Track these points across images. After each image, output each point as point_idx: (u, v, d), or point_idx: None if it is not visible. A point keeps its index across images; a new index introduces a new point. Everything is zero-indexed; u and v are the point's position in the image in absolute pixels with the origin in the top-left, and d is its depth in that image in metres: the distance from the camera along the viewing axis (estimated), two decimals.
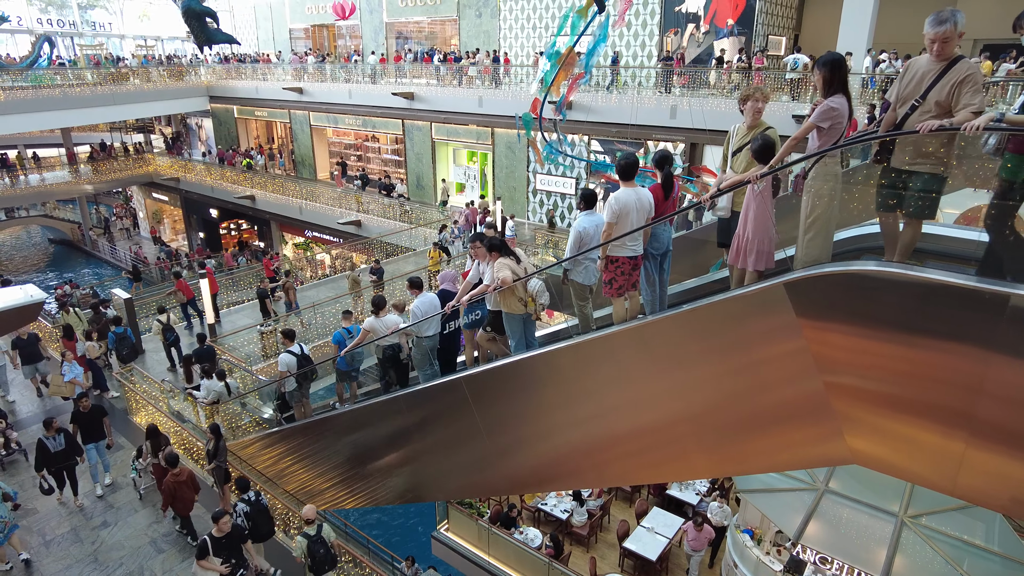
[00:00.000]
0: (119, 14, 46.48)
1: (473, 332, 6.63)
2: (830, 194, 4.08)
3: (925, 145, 3.82)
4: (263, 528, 8.13)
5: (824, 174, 4.09)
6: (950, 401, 3.54)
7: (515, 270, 5.82)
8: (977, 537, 7.61)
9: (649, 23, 20.95)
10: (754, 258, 4.49)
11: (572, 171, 21.09)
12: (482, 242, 6.32)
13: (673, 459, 5.32)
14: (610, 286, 5.27)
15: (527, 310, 5.90)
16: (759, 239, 4.46)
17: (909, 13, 19.50)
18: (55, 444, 8.99)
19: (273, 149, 32.66)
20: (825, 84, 4.22)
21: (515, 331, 6.02)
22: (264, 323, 15.64)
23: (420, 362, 7.32)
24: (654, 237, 5.35)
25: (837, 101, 4.14)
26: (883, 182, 4.18)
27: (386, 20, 28.76)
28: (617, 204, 5.06)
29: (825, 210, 4.09)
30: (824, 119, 4.15)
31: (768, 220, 4.45)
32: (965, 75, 3.69)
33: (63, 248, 36.86)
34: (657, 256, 5.44)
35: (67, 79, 27.10)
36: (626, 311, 5.30)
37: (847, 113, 4.14)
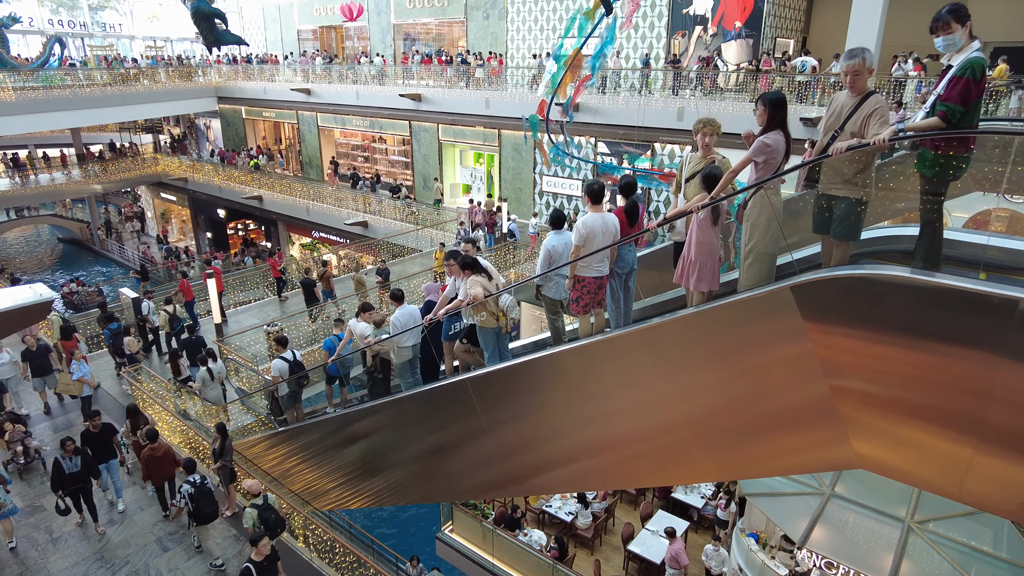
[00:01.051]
0: (129, 15, 46.85)
1: (451, 344, 6.96)
2: (767, 224, 4.37)
3: (841, 171, 4.14)
4: (205, 510, 8.40)
5: (760, 205, 4.38)
6: (958, 406, 3.52)
7: (487, 287, 6.17)
8: (985, 543, 7.55)
9: (656, 25, 20.93)
10: (695, 279, 4.87)
11: (579, 173, 21.08)
12: (456, 260, 6.65)
13: (678, 462, 5.31)
14: (577, 304, 5.63)
15: (499, 324, 6.26)
16: (701, 262, 4.83)
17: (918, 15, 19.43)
18: (70, 466, 8.63)
19: (272, 149, 32.78)
20: (767, 120, 4.46)
21: (488, 343, 6.39)
22: (270, 323, 15.69)
23: (401, 371, 7.67)
24: (619, 258, 5.66)
25: (772, 138, 4.40)
26: (814, 207, 4.46)
27: (394, 22, 28.84)
28: (584, 228, 5.39)
29: (762, 239, 4.39)
30: (758, 154, 4.42)
31: (711, 244, 4.82)
32: (874, 108, 4.01)
33: (72, 247, 37.14)
34: (622, 275, 5.74)
35: (77, 80, 27.29)
36: (591, 326, 5.68)
37: (782, 149, 4.39)
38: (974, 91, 3.71)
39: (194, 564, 8.60)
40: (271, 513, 8.12)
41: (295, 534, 9.30)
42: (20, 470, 10.22)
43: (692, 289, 4.95)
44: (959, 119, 3.74)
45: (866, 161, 4.06)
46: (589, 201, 5.59)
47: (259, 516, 7.94)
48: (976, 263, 4.43)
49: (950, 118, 3.74)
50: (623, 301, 5.79)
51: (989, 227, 6.37)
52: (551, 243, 5.92)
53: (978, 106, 3.80)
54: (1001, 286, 3.23)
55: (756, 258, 4.44)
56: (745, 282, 4.52)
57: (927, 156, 3.93)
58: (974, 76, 3.68)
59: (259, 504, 8.08)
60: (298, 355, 9.92)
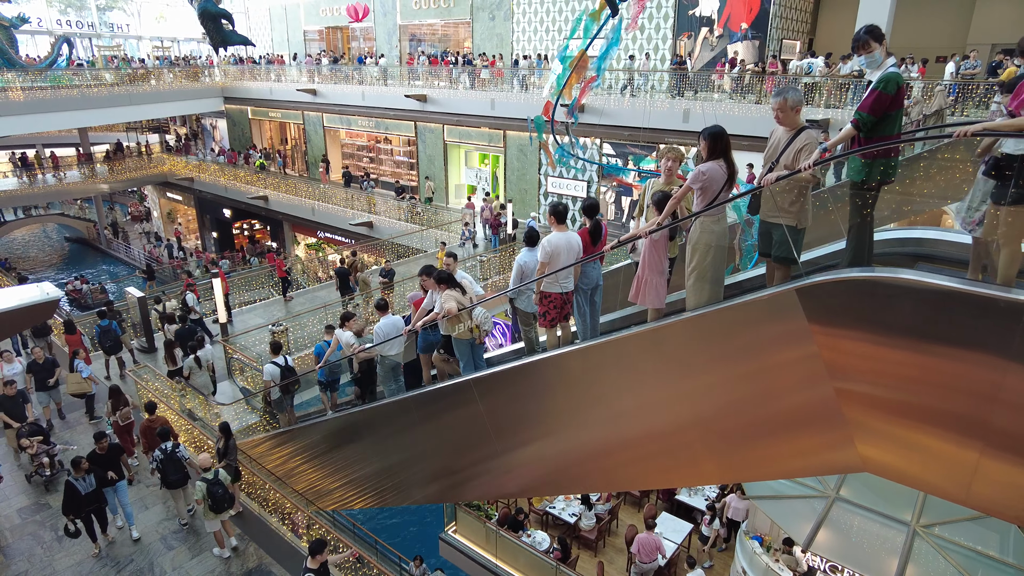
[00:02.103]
0: (136, 15, 47.08)
1: (429, 354, 7.31)
2: (705, 248, 4.68)
3: (776, 200, 4.53)
4: (171, 476, 8.89)
5: (701, 230, 4.70)
6: (964, 409, 3.50)
7: (460, 301, 6.48)
8: (991, 548, 7.51)
9: (663, 27, 20.91)
10: (643, 296, 5.23)
11: (584, 174, 21.08)
12: (430, 275, 6.94)
13: (682, 464, 5.29)
14: (544, 318, 6.03)
15: (472, 335, 6.56)
16: (651, 281, 5.18)
17: (925, 18, 19.37)
18: (85, 486, 8.24)
19: (268, 148, 32.94)
20: (708, 151, 4.74)
21: (463, 353, 6.72)
22: (276, 323, 15.73)
23: (384, 378, 7.97)
24: (584, 274, 5.93)
25: (708, 167, 4.68)
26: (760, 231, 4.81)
27: (399, 23, 28.89)
28: (550, 246, 5.73)
29: (702, 261, 4.71)
30: (695, 182, 4.71)
31: (660, 265, 5.18)
32: (804, 144, 4.35)
33: (78, 246, 37.33)
34: (587, 291, 6.01)
35: (85, 80, 27.43)
36: (558, 339, 6.05)
37: (720, 177, 4.67)
38: (886, 103, 3.96)
39: (198, 563, 8.63)
40: (218, 488, 8.44)
41: (299, 534, 9.32)
42: (45, 482, 9.95)
43: (644, 305, 5.33)
44: (871, 128, 4.01)
45: (799, 192, 4.40)
46: (554, 221, 5.93)
47: (208, 490, 8.34)
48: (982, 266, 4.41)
49: (861, 126, 4.02)
50: (589, 316, 6.08)
51: None
52: (523, 259, 6.23)
53: (897, 116, 4.03)
54: (1007, 289, 3.22)
55: (698, 279, 4.75)
56: (691, 302, 4.82)
57: (855, 163, 4.15)
58: (886, 89, 3.94)
59: (208, 479, 8.43)
60: (290, 360, 10.18)
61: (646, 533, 10.44)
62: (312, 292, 18.98)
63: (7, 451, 10.61)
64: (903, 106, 4.06)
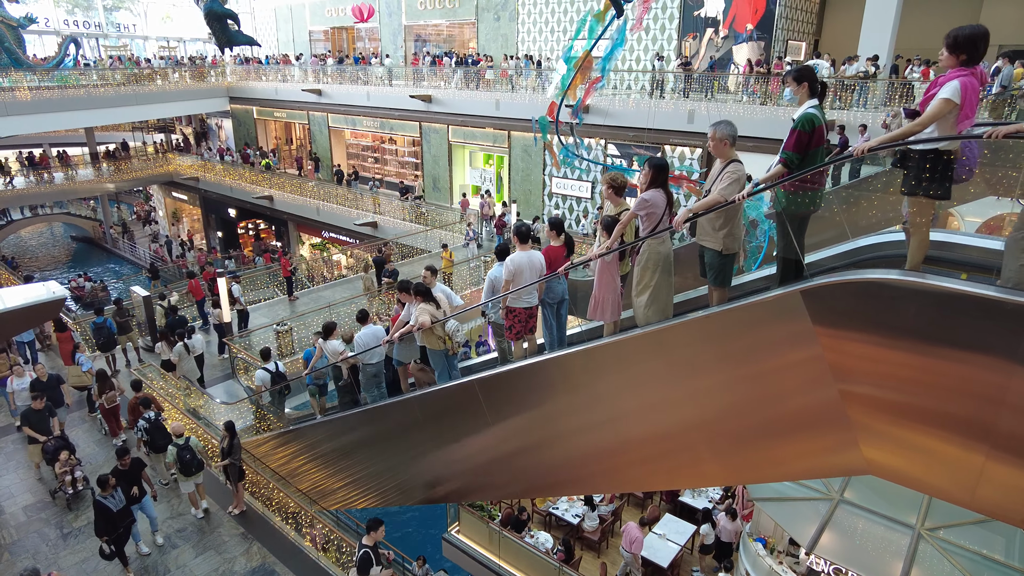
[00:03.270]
0: (143, 16, 47.26)
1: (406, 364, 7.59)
2: (654, 268, 5.04)
3: (705, 226, 4.92)
4: (158, 442, 9.70)
5: (648, 252, 5.07)
6: (970, 412, 3.48)
7: (434, 314, 6.78)
8: (997, 552, 7.46)
9: (668, 27, 20.88)
10: (600, 312, 5.60)
11: (588, 175, 21.07)
12: (406, 289, 7.30)
13: (686, 466, 5.28)
14: (510, 331, 6.34)
15: (445, 346, 6.87)
16: (605, 298, 5.53)
17: (931, 18, 19.28)
18: (115, 503, 8.05)
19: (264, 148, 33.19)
20: (649, 180, 5.15)
21: (438, 364, 7.03)
22: (280, 322, 15.77)
23: (367, 385, 8.32)
24: (549, 289, 6.27)
25: (650, 194, 5.08)
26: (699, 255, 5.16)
27: (405, 23, 28.93)
28: (512, 264, 6.08)
29: (649, 281, 5.06)
30: (640, 209, 5.14)
31: (613, 283, 5.55)
32: (725, 174, 4.70)
33: (84, 245, 37.48)
34: (553, 304, 6.35)
35: (91, 80, 27.55)
36: (524, 351, 6.38)
37: (661, 204, 5.07)
38: (806, 141, 4.31)
39: (202, 561, 8.66)
40: (187, 453, 9.18)
41: (302, 533, 9.34)
42: (69, 499, 9.57)
43: (601, 320, 5.72)
44: (798, 164, 4.36)
45: (725, 219, 4.73)
46: (517, 241, 6.24)
47: (177, 455, 9.11)
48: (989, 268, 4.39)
49: (789, 164, 4.39)
50: (556, 328, 6.42)
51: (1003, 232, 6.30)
52: (494, 273, 6.51)
53: (818, 152, 4.40)
54: (1014, 291, 3.20)
55: (649, 297, 5.10)
56: (640, 319, 5.17)
57: (781, 195, 4.56)
58: (804, 128, 4.30)
59: (180, 444, 9.18)
60: (281, 366, 10.72)
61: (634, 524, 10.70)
62: (317, 292, 19.02)
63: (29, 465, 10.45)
64: (823, 143, 4.42)
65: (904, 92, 15.00)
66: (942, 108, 3.68)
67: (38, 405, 9.80)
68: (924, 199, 3.91)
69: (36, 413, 9.82)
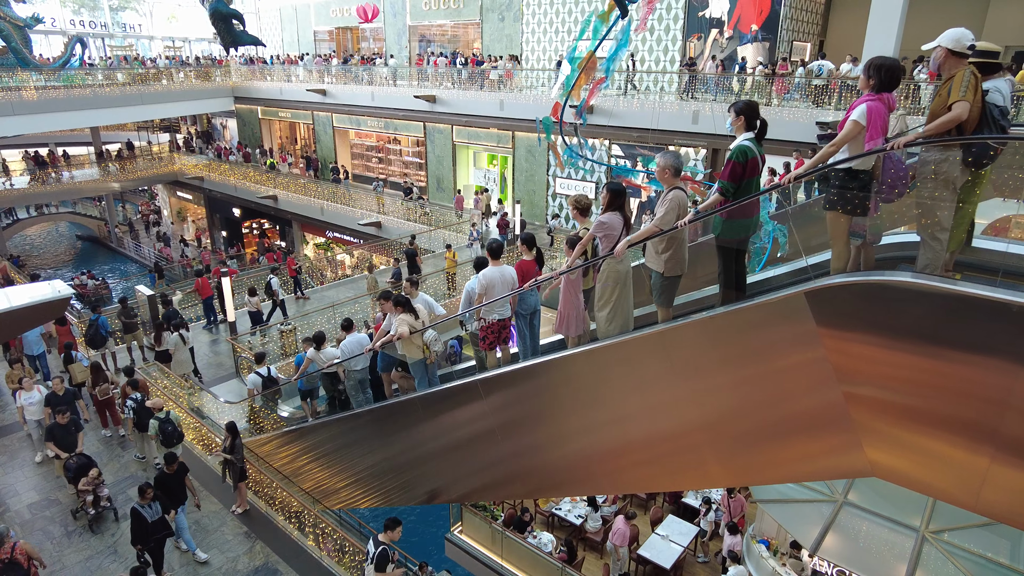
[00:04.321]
0: (149, 16, 47.43)
1: (389, 372, 7.86)
2: (613, 285, 5.33)
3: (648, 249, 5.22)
4: (144, 420, 10.07)
5: (607, 270, 5.36)
6: (975, 415, 3.47)
7: (413, 324, 7.07)
8: (1002, 555, 7.44)
9: (672, 28, 20.86)
10: (565, 327, 5.90)
11: (592, 175, 21.06)
12: (388, 299, 7.54)
13: (689, 467, 5.27)
14: (483, 341, 6.59)
15: (424, 355, 7.15)
16: (568, 313, 5.82)
17: (937, 19, 19.19)
18: (152, 513, 7.82)
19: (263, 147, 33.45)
20: (607, 204, 5.52)
21: (417, 372, 7.32)
22: (283, 322, 15.81)
23: (352, 389, 8.60)
24: (522, 301, 6.50)
25: (607, 217, 5.44)
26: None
27: (409, 23, 28.97)
28: (484, 279, 6.38)
29: (610, 297, 5.36)
30: (598, 231, 5.47)
31: (576, 299, 5.82)
32: (664, 201, 4.98)
33: (90, 244, 37.62)
34: (526, 315, 6.58)
35: (97, 79, 27.65)
36: (498, 360, 6.63)
37: (618, 226, 5.41)
38: (740, 172, 4.56)
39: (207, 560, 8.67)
40: (169, 425, 9.75)
41: (305, 532, 9.35)
42: (91, 520, 9.14)
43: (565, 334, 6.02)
44: (734, 192, 4.61)
45: (667, 244, 5.00)
46: (490, 257, 6.52)
47: (159, 427, 9.68)
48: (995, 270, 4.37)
49: (725, 193, 4.63)
50: (529, 337, 6.64)
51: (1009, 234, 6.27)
52: (471, 286, 6.73)
53: (753, 182, 4.66)
54: (1020, 294, 3.18)
55: (611, 312, 5.40)
56: (601, 332, 5.45)
57: (717, 221, 4.82)
58: (738, 159, 4.55)
59: (161, 418, 9.75)
60: (273, 371, 11.10)
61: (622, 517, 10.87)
62: (321, 292, 19.04)
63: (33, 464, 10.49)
64: (758, 173, 4.68)
65: (910, 93, 14.94)
66: (852, 130, 4.03)
67: (63, 419, 9.38)
68: (841, 214, 4.19)
69: (61, 428, 9.41)
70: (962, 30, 3.93)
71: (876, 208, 4.26)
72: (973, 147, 3.78)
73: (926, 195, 3.98)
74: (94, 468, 9.18)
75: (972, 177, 3.83)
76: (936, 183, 3.86)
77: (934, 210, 3.88)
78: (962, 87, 3.71)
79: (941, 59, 3.95)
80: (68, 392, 10.37)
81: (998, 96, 3.91)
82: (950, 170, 3.77)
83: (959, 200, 3.90)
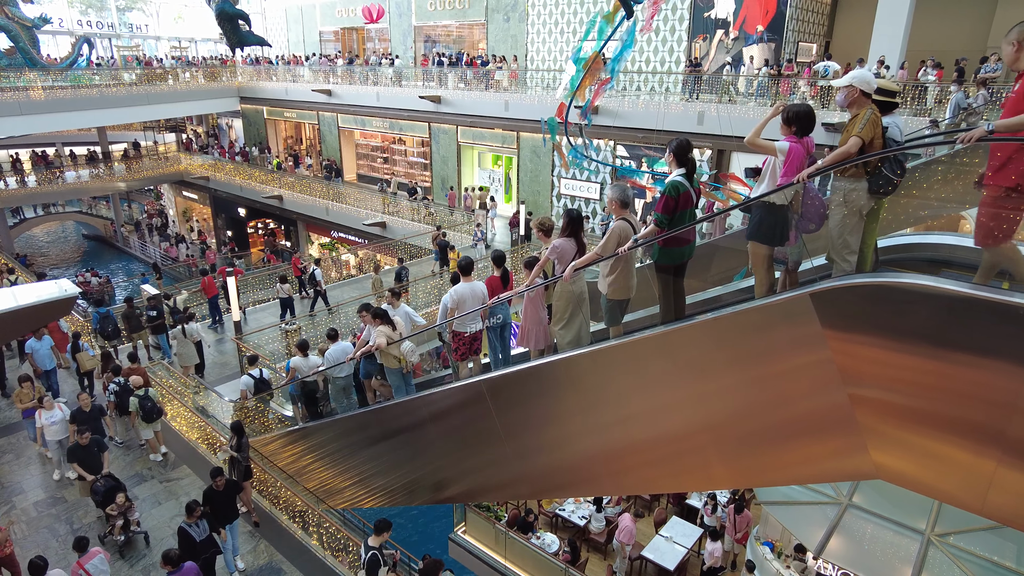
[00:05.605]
0: (155, 16, 47.63)
1: (370, 379, 8.26)
2: (565, 303, 5.76)
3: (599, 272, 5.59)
4: (125, 403, 10.44)
5: (560, 290, 5.79)
6: (981, 418, 3.45)
7: (390, 336, 7.44)
8: (1008, 559, 7.40)
9: (677, 29, 20.84)
10: (527, 340, 6.34)
11: (597, 176, 21.05)
12: (367, 311, 7.92)
13: (693, 469, 5.26)
14: (456, 352, 7.04)
15: (400, 365, 7.53)
16: (530, 328, 6.27)
17: (945, 20, 19.13)
18: (199, 532, 7.50)
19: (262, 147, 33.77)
20: (563, 229, 5.95)
21: (395, 380, 7.68)
22: (288, 322, 15.84)
23: (336, 396, 8.94)
24: (492, 314, 6.85)
25: (560, 242, 5.89)
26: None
27: (414, 24, 29.01)
28: (456, 295, 6.75)
29: (563, 315, 5.79)
30: (552, 254, 5.94)
31: (537, 316, 6.26)
32: (609, 230, 5.39)
33: (96, 244, 37.79)
34: (497, 328, 6.92)
35: (104, 79, 27.78)
36: (470, 371, 7.04)
37: (571, 251, 5.84)
38: (673, 205, 4.95)
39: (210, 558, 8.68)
40: (148, 402, 10.29)
41: (309, 532, 9.37)
42: (120, 547, 8.63)
43: (527, 348, 6.44)
44: (668, 224, 5.00)
45: (610, 269, 5.38)
46: (461, 274, 6.93)
47: (139, 403, 10.19)
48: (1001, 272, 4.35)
49: (660, 224, 5.03)
50: (500, 349, 6.99)
51: None
52: (445, 300, 7.03)
53: (687, 213, 5.05)
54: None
55: (565, 326, 5.81)
56: (560, 346, 5.88)
57: (656, 249, 5.22)
58: (671, 194, 4.94)
59: (140, 395, 10.26)
60: (265, 373, 11.26)
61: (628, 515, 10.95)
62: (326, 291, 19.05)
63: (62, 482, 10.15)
64: (690, 206, 5.06)
65: (917, 95, 14.89)
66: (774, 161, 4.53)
67: (84, 440, 8.97)
68: (761, 244, 4.60)
69: (83, 449, 8.96)
70: (869, 73, 4.29)
71: (797, 238, 4.58)
72: (879, 179, 4.12)
73: (837, 221, 4.25)
74: (121, 494, 8.70)
75: (876, 204, 4.24)
76: (845, 210, 4.19)
77: (843, 233, 4.19)
78: (860, 124, 4.06)
79: (852, 97, 4.23)
80: (95, 408, 10.07)
81: (896, 131, 4.25)
82: (857, 198, 4.14)
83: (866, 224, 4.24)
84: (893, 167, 4.04)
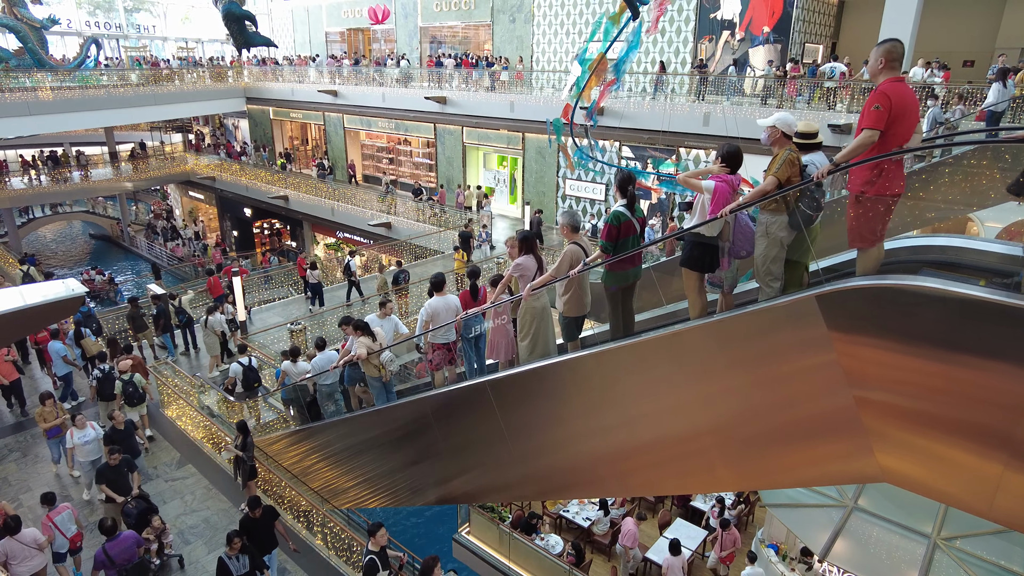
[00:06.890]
0: (162, 17, 47.86)
1: (354, 386, 8.70)
2: (530, 319, 6.12)
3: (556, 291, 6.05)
4: (106, 391, 10.87)
5: (525, 307, 6.13)
6: (988, 421, 3.43)
7: (370, 346, 7.83)
8: (1015, 563, 7.34)
9: (684, 30, 20.81)
10: (496, 353, 6.74)
11: (602, 177, 21.03)
12: (349, 324, 8.40)
13: (697, 471, 5.25)
14: (431, 363, 7.47)
15: (380, 374, 7.93)
16: (498, 341, 6.67)
17: (952, 21, 19.04)
18: (238, 567, 7.23)
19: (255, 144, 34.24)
20: (519, 249, 6.43)
21: (375, 387, 8.11)
22: (293, 322, 15.88)
23: (323, 401, 9.27)
24: (466, 326, 7.20)
25: (522, 260, 6.35)
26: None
27: (420, 24, 29.07)
28: (430, 308, 7.19)
29: (528, 330, 6.14)
30: (516, 272, 6.36)
31: (503, 329, 6.66)
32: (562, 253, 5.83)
33: (103, 243, 37.97)
34: (471, 339, 7.27)
35: (111, 80, 27.93)
36: (444, 379, 7.47)
37: (532, 268, 6.30)
38: (615, 234, 5.44)
39: (214, 558, 8.69)
40: (131, 387, 10.75)
41: (313, 531, 9.39)
42: (154, 572, 8.35)
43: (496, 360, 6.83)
44: (613, 250, 5.48)
45: (564, 289, 5.84)
46: (434, 289, 7.33)
47: (123, 389, 10.68)
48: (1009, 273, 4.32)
49: (605, 250, 5.51)
50: (475, 359, 7.35)
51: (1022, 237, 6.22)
52: (422, 313, 7.38)
53: (629, 239, 5.50)
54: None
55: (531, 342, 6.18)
56: (524, 359, 6.22)
57: (606, 273, 5.67)
58: (612, 223, 5.42)
59: (125, 380, 10.74)
60: (254, 362, 12.04)
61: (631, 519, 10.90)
62: (330, 292, 19.10)
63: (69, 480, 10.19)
64: (633, 233, 5.50)
65: (923, 96, 14.81)
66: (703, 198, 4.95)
67: (115, 460, 8.68)
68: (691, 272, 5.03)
69: (112, 470, 8.69)
70: (791, 116, 4.65)
71: (729, 264, 4.99)
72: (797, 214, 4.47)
73: (761, 251, 4.63)
74: (156, 517, 8.49)
75: (797, 237, 4.54)
76: (767, 240, 4.57)
77: (767, 262, 4.58)
78: (777, 165, 4.42)
79: (774, 137, 4.60)
80: (128, 424, 9.94)
81: (814, 168, 4.42)
82: (778, 230, 4.51)
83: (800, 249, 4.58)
84: (810, 203, 4.41)
